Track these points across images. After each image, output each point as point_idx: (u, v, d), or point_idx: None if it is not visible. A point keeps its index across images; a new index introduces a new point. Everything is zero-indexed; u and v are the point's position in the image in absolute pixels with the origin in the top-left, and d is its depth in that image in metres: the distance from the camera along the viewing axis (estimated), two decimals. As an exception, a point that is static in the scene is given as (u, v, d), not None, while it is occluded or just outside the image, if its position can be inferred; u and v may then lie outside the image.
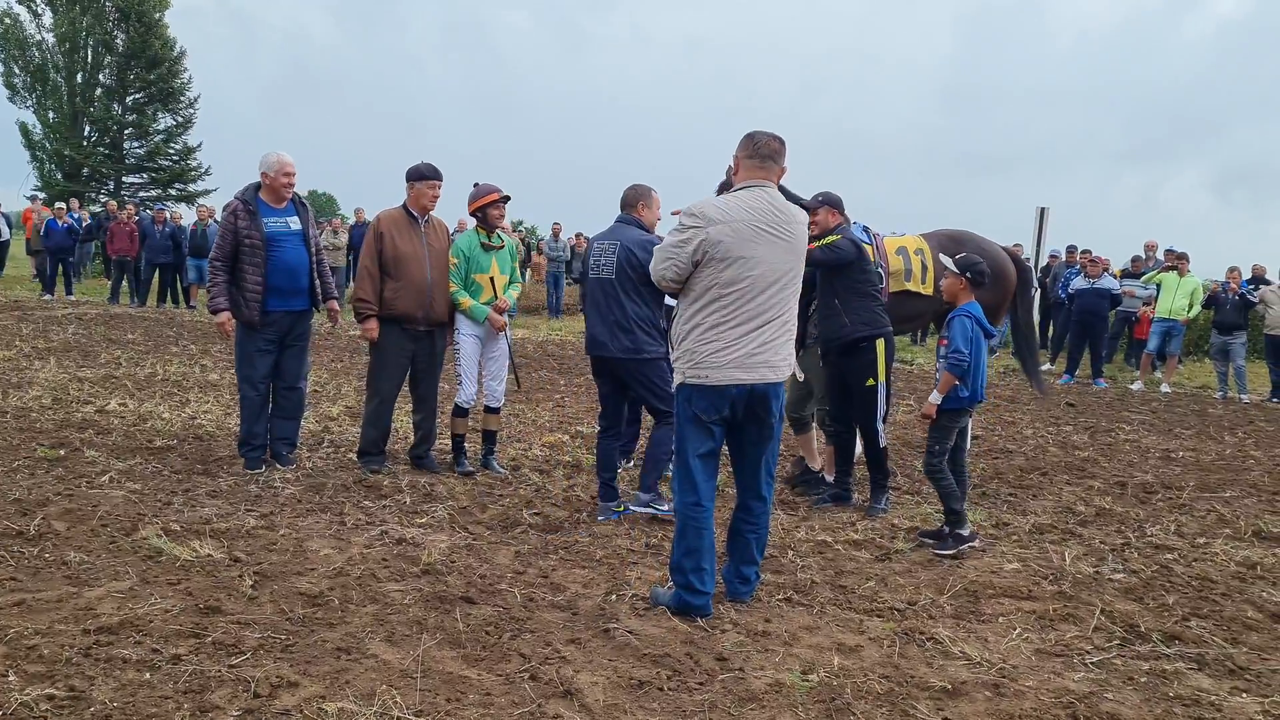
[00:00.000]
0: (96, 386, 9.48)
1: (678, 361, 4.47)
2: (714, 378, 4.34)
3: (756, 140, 4.49)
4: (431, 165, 6.77)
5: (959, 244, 7.70)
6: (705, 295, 4.35)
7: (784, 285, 4.41)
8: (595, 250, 6.02)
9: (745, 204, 4.37)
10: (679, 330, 4.47)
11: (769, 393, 4.43)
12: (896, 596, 4.87)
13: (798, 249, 4.48)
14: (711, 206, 4.38)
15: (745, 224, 4.32)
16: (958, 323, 5.64)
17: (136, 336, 13.87)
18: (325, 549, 5.09)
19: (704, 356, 4.35)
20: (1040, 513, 6.73)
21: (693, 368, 4.38)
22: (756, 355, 4.35)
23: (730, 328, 4.33)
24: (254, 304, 6.46)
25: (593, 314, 6.01)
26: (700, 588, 4.43)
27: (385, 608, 4.35)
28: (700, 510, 4.47)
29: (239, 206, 6.52)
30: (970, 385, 5.64)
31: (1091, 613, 4.75)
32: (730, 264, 4.30)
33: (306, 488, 6.26)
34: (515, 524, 5.76)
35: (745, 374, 4.34)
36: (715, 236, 4.30)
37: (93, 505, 5.57)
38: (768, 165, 4.49)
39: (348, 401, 9.50)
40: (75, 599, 4.24)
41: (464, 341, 6.85)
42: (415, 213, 6.74)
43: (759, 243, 4.32)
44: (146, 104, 39.87)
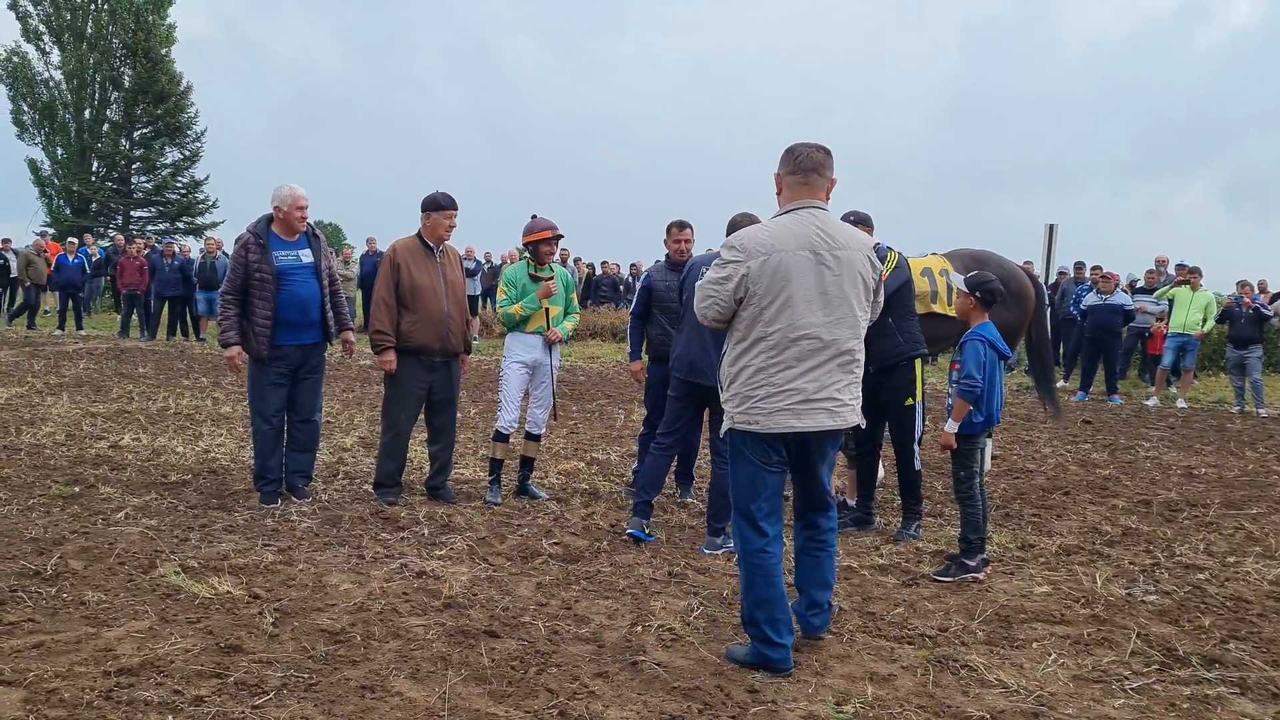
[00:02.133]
0: (109, 421, 9.45)
1: (727, 404, 4.16)
2: (764, 424, 4.02)
3: (797, 154, 4.12)
4: (448, 195, 6.74)
5: (981, 264, 7.63)
6: (751, 334, 4.03)
7: (841, 319, 4.04)
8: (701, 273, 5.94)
9: (791, 231, 4.02)
10: (727, 372, 4.16)
11: (827, 438, 4.15)
12: (926, 623, 4.78)
13: (857, 275, 4.08)
14: (751, 238, 4.04)
15: (790, 254, 3.97)
16: (970, 347, 5.55)
17: (148, 370, 13.85)
18: (345, 583, 5.02)
19: (755, 402, 4.03)
20: (1066, 533, 6.64)
21: (743, 412, 4.07)
22: (813, 400, 4.01)
23: (780, 370, 3.99)
24: (263, 338, 6.42)
25: (694, 339, 5.94)
26: (777, 639, 4.08)
27: (408, 643, 4.28)
28: (767, 556, 4.14)
29: (250, 240, 6.49)
30: (985, 409, 5.54)
31: (1127, 637, 4.66)
32: (775, 300, 3.96)
33: (323, 521, 6.20)
34: (535, 554, 5.68)
35: (799, 421, 4.00)
36: (756, 271, 3.97)
37: (109, 543, 5.51)
38: (813, 180, 4.10)
39: (361, 432, 9.44)
40: (94, 640, 4.18)
41: (510, 369, 6.83)
42: (431, 243, 6.71)
43: (807, 274, 3.97)
44: (154, 139, 40.05)
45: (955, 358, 5.68)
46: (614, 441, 9.56)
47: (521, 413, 7.03)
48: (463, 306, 6.81)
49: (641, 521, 6.07)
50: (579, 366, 16.96)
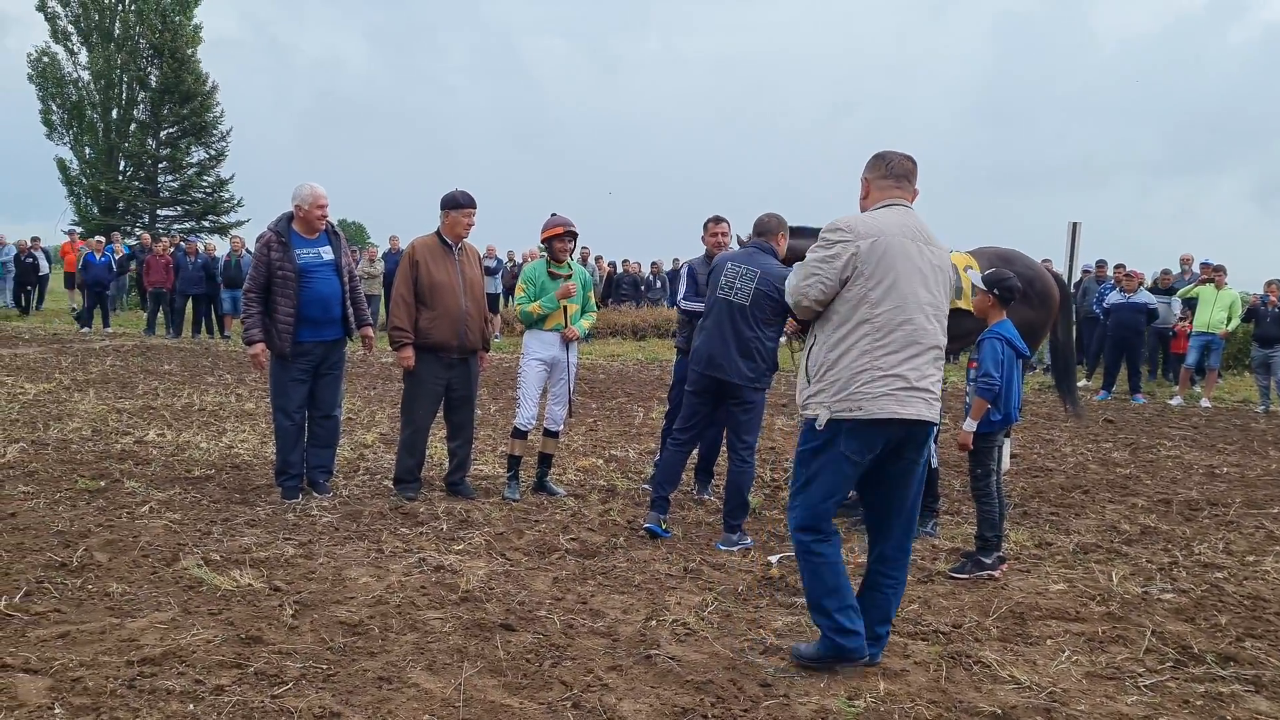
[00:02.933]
0: (135, 417, 9.57)
1: (819, 394, 3.99)
2: (868, 409, 3.88)
3: (889, 160, 4.16)
4: (466, 193, 6.80)
5: (1006, 261, 7.58)
6: (854, 317, 3.93)
7: (938, 310, 4.04)
8: (729, 271, 5.96)
9: (892, 220, 4.01)
10: (821, 359, 4.01)
11: (923, 432, 4.04)
12: (940, 619, 4.80)
13: (945, 273, 4.11)
14: (858, 220, 4.01)
15: (896, 238, 3.95)
16: (987, 345, 5.54)
17: (173, 367, 14.00)
18: (364, 577, 5.09)
19: (857, 387, 3.89)
20: (1084, 532, 6.63)
21: (842, 400, 3.91)
22: (914, 388, 3.92)
23: (885, 354, 3.90)
24: (285, 335, 6.49)
25: (715, 334, 5.93)
26: (851, 626, 4.00)
27: (425, 636, 4.34)
28: (830, 545, 4.07)
29: (272, 238, 6.56)
30: (1003, 408, 5.54)
31: (1142, 634, 4.66)
32: (882, 281, 3.91)
33: (343, 516, 6.27)
34: (552, 550, 5.73)
35: (901, 408, 3.90)
36: (866, 251, 3.92)
37: (134, 536, 5.60)
38: (903, 185, 4.15)
39: (381, 429, 9.52)
40: (118, 630, 4.25)
41: (528, 366, 6.89)
42: (449, 240, 6.77)
43: (910, 260, 3.95)
44: (180, 138, 40.47)
45: (973, 356, 5.67)
46: (632, 439, 9.60)
47: (540, 410, 7.08)
48: (481, 304, 6.87)
49: (659, 516, 6.11)
50: (599, 364, 17.00)
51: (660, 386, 14.37)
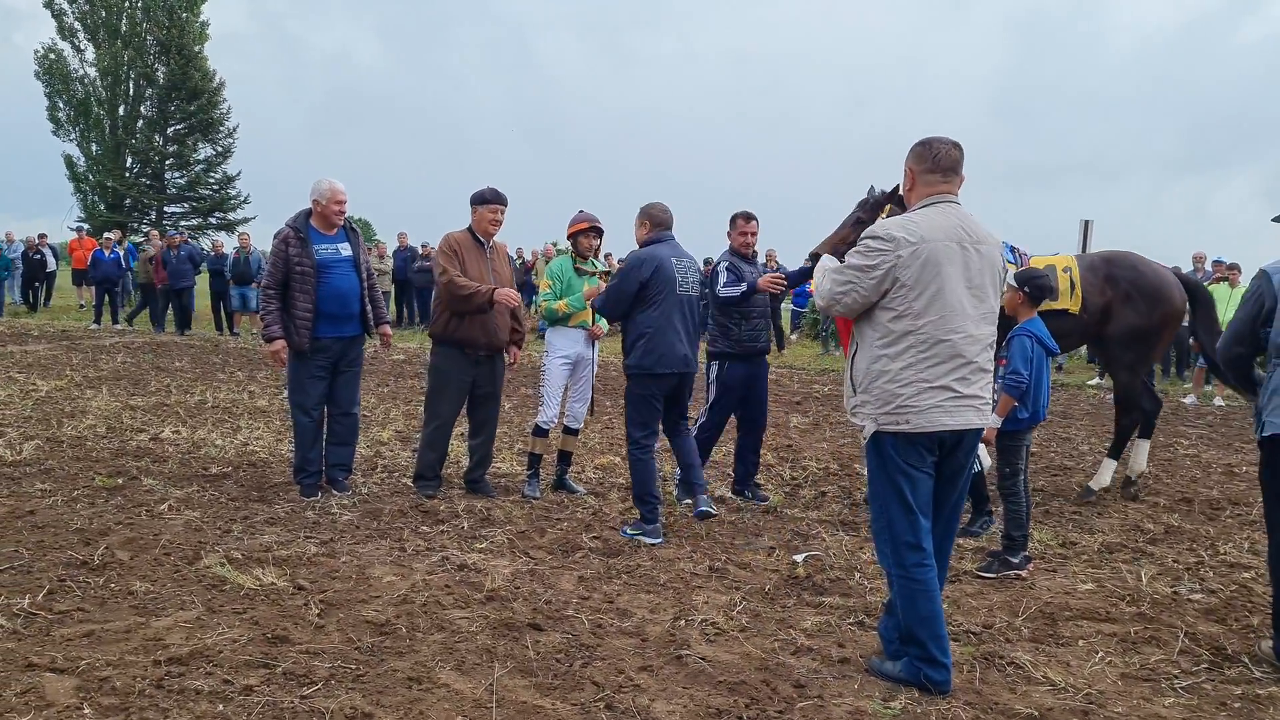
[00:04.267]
0: (149, 414, 9.54)
1: (865, 406, 3.92)
2: (916, 423, 3.82)
3: (935, 150, 3.97)
4: (495, 190, 6.75)
5: (1112, 264, 7.50)
6: (899, 328, 3.83)
7: (985, 315, 3.92)
8: (678, 266, 6.02)
9: (937, 224, 3.85)
10: (866, 371, 3.93)
11: (973, 439, 3.98)
12: (971, 619, 4.75)
13: (996, 270, 3.98)
14: (899, 228, 3.85)
15: (940, 245, 3.81)
16: (1017, 342, 5.50)
17: (184, 364, 13.98)
18: (388, 576, 5.05)
19: (904, 400, 3.82)
20: (1108, 531, 6.57)
21: (889, 412, 3.85)
22: (962, 397, 3.85)
23: (931, 365, 3.81)
24: (304, 331, 6.46)
25: (681, 330, 5.98)
26: (941, 658, 3.88)
27: (453, 635, 4.30)
28: (926, 570, 3.91)
29: (290, 234, 6.52)
30: (1030, 405, 5.49)
31: (1174, 635, 4.61)
32: (925, 292, 3.79)
33: (363, 514, 6.23)
34: (575, 548, 5.69)
35: (950, 419, 3.83)
36: (907, 261, 3.78)
37: (154, 534, 5.57)
38: (950, 178, 3.97)
39: (397, 426, 9.49)
40: (144, 629, 4.22)
41: (552, 364, 6.85)
42: (480, 237, 6.73)
43: (955, 267, 3.82)
44: (187, 135, 40.52)
45: (1002, 353, 5.61)
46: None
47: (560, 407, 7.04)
48: None
49: (655, 527, 5.97)
50: (610, 361, 16.95)
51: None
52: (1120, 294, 7.37)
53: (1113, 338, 7.43)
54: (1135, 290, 7.35)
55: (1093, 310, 7.34)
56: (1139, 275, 7.41)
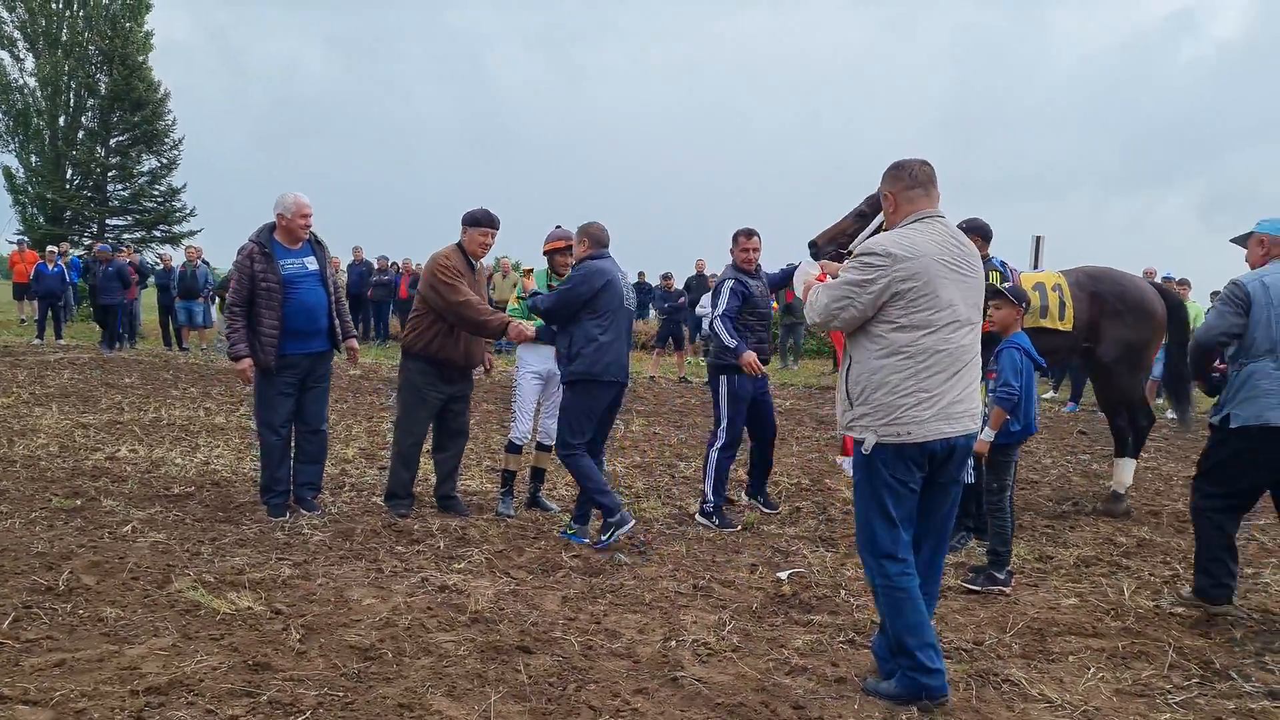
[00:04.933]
0: (103, 432, 9.27)
1: (862, 419, 3.92)
2: (916, 434, 3.83)
3: (910, 169, 4.04)
4: (488, 212, 6.65)
5: (1096, 280, 7.57)
6: (896, 341, 3.85)
7: (975, 326, 3.97)
8: (622, 283, 6.21)
9: (929, 238, 3.90)
10: (863, 382, 3.92)
11: (967, 447, 4.00)
12: (961, 636, 4.74)
13: (982, 284, 4.08)
14: (894, 243, 3.87)
15: (933, 259, 3.85)
16: (1006, 355, 5.53)
17: (134, 380, 13.64)
18: (367, 598, 4.92)
19: (904, 411, 3.82)
20: (1081, 545, 6.62)
21: (888, 424, 3.85)
22: (959, 404, 3.88)
23: (929, 375, 3.82)
24: (270, 348, 6.31)
25: (621, 343, 6.16)
26: (932, 664, 3.89)
27: (441, 659, 4.19)
28: (910, 579, 3.93)
29: (254, 249, 6.37)
30: (1022, 418, 5.52)
31: (1162, 649, 4.63)
32: (921, 306, 3.82)
33: (335, 534, 6.09)
34: (556, 567, 5.60)
35: (950, 426, 3.85)
36: (903, 275, 3.81)
37: (119, 557, 5.38)
38: (930, 191, 4.03)
39: (361, 444, 9.32)
40: (117, 658, 4.06)
41: (524, 379, 6.77)
42: (470, 258, 6.62)
43: (948, 280, 3.86)
44: (130, 146, 39.67)
45: (991, 366, 5.64)
46: (617, 453, 9.47)
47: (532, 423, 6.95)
48: None
49: (622, 515, 6.08)
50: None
51: (634, 399, 14.27)
52: (1108, 309, 7.46)
53: (1103, 353, 7.50)
54: (1122, 305, 7.44)
55: (1080, 326, 7.42)
56: (1124, 290, 7.50)
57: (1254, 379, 4.95)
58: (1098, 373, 7.86)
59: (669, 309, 18.73)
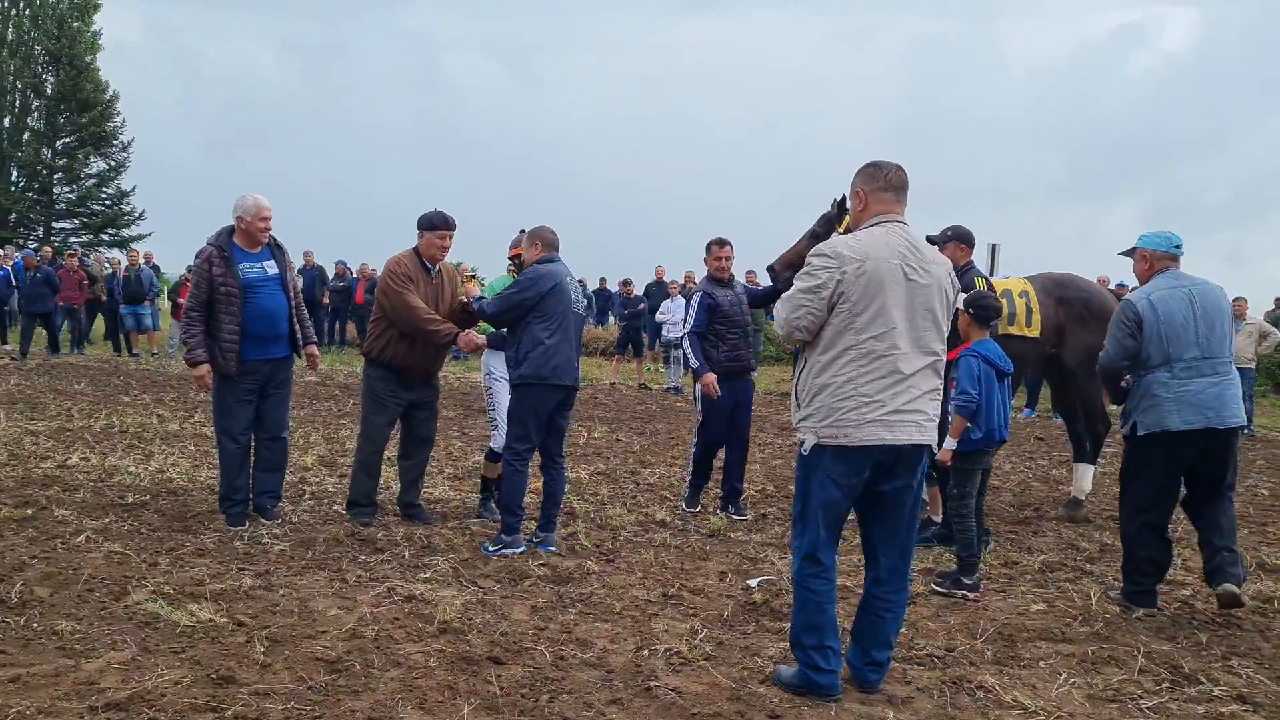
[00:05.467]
0: (52, 440, 9.04)
1: (808, 420, 3.95)
2: (854, 437, 3.83)
3: (886, 171, 4.04)
4: (444, 214, 6.55)
5: (1062, 286, 7.69)
6: (840, 343, 3.86)
7: (928, 332, 3.93)
8: (570, 285, 6.15)
9: (881, 241, 3.91)
10: (809, 385, 3.96)
11: (916, 455, 3.96)
12: (932, 642, 4.73)
13: (942, 290, 3.99)
14: (844, 245, 3.90)
15: (883, 262, 3.85)
16: (963, 362, 5.55)
17: (84, 387, 13.35)
18: (332, 609, 4.82)
19: (842, 414, 3.84)
20: (1045, 550, 6.67)
21: (828, 426, 3.87)
22: (902, 411, 3.85)
23: (871, 380, 3.82)
24: (230, 354, 6.18)
25: (569, 346, 6.09)
26: (825, 666, 3.95)
27: (410, 671, 4.10)
28: (822, 583, 3.99)
29: (213, 253, 6.24)
30: (984, 425, 5.54)
31: (1131, 654, 4.65)
32: (868, 308, 3.82)
33: (297, 543, 5.97)
34: (524, 576, 5.53)
35: (889, 433, 3.84)
36: (851, 278, 3.82)
37: (74, 568, 5.22)
38: (900, 197, 4.04)
39: (320, 450, 9.18)
40: (74, 672, 3.93)
41: (498, 386, 6.69)
42: (426, 262, 6.52)
43: (899, 284, 3.85)
44: (77, 148, 38.98)
45: (952, 375, 5.66)
46: (580, 460, 9.41)
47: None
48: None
49: (515, 539, 6.03)
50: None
51: (596, 405, 14.22)
52: (1074, 315, 7.57)
53: (1070, 359, 7.60)
54: (1088, 311, 7.54)
55: (1048, 332, 7.50)
56: (1090, 297, 7.63)
57: (1152, 390, 5.28)
58: (1061, 378, 7.96)
59: (629, 315, 18.71)
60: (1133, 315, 5.32)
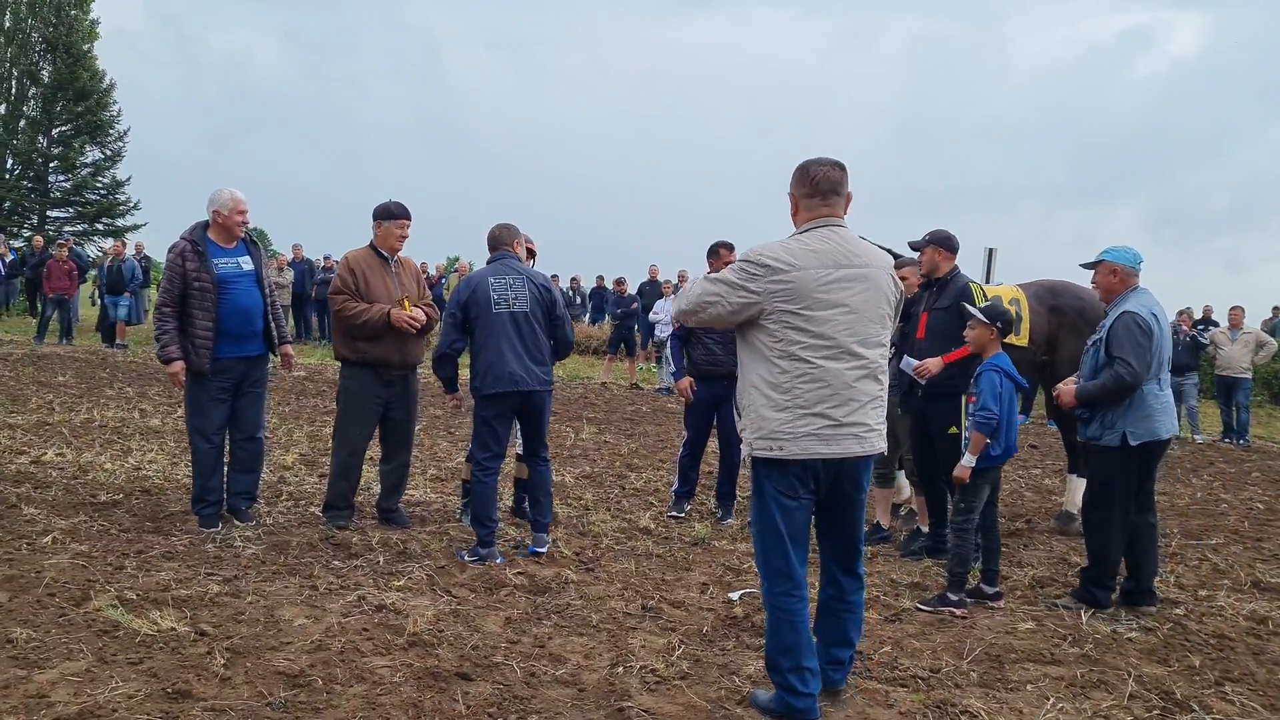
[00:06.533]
0: (30, 434, 8.88)
1: (745, 432, 3.87)
2: (789, 450, 3.72)
3: (814, 175, 3.87)
4: (400, 204, 6.43)
5: (1055, 294, 7.58)
6: (772, 353, 3.75)
7: (865, 339, 3.79)
8: (498, 285, 5.92)
9: (812, 247, 3.78)
10: (746, 395, 3.87)
11: (858, 466, 3.85)
12: (916, 662, 4.59)
13: (881, 294, 3.85)
14: (772, 254, 3.76)
15: (815, 272, 3.72)
16: (986, 378, 5.42)
17: (68, 379, 13.19)
18: (299, 618, 4.67)
19: (776, 426, 3.73)
20: (1036, 564, 6.53)
21: (762, 439, 3.76)
22: (842, 425, 3.73)
23: (806, 392, 3.71)
24: (204, 351, 6.03)
25: (506, 348, 5.85)
26: (802, 688, 3.79)
27: (375, 687, 3.96)
28: (792, 600, 3.83)
29: (186, 247, 6.09)
30: (1002, 441, 5.42)
31: (1121, 678, 4.51)
32: (800, 320, 3.71)
33: (269, 547, 5.82)
34: (500, 585, 5.38)
35: (826, 447, 3.72)
36: (777, 289, 3.71)
37: (36, 571, 5.07)
38: (831, 200, 3.87)
39: (301, 449, 9.02)
40: (25, 684, 3.78)
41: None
42: (384, 253, 6.39)
43: (833, 292, 3.73)
44: (73, 137, 38.77)
45: (971, 390, 5.54)
46: (565, 462, 9.26)
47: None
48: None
49: (492, 552, 5.88)
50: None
51: (585, 405, 14.08)
52: (1067, 323, 7.46)
53: (1064, 368, 7.45)
54: (1081, 319, 7.41)
55: (1038, 341, 7.38)
56: (1084, 305, 7.49)
57: (1145, 400, 5.44)
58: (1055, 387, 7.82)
59: (622, 314, 18.56)
60: (1148, 329, 5.40)
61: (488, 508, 5.90)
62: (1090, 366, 5.63)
